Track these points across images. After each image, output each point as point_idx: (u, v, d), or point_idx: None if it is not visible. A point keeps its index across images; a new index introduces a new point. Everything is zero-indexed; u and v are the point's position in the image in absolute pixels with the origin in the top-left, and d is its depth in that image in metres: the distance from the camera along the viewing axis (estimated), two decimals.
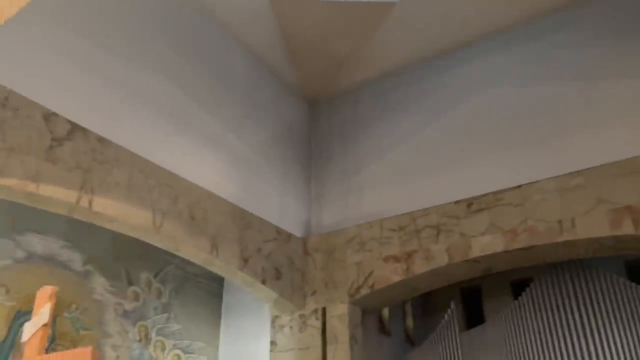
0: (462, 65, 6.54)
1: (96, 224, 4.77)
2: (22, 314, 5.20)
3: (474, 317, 8.24)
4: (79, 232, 5.82)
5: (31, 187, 3.97)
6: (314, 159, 7.31)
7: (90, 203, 4.35)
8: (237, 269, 5.64)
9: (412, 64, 6.89)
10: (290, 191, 6.82)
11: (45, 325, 2.97)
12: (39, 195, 4.04)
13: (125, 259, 6.24)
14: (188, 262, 6.55)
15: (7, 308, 5.08)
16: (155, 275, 6.55)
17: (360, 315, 6.16)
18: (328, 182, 7.03)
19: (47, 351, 5.77)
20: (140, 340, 6.15)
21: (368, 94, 7.19)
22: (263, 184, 6.45)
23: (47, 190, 4.07)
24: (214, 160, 5.81)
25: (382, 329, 7.52)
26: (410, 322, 8.32)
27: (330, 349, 5.89)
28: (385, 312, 7.68)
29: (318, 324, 6.08)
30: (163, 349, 6.37)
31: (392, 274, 5.84)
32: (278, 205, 6.54)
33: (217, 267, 5.62)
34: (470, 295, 8.58)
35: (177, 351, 6.52)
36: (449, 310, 7.14)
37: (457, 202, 5.78)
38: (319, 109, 7.60)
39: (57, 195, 4.14)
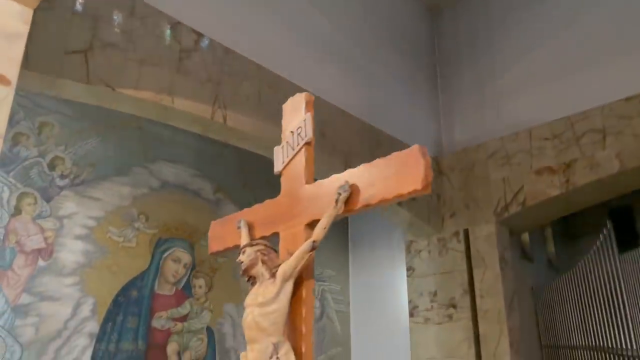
0: None
1: (226, 148, 4.52)
2: (163, 242, 5.18)
3: (624, 240, 7.36)
4: (207, 160, 5.68)
5: (167, 100, 3.72)
6: (440, 70, 6.58)
7: (224, 118, 4.06)
8: None
9: None
10: (418, 106, 6.21)
11: (308, 143, 2.24)
12: (174, 109, 3.79)
13: (252, 187, 6.04)
14: None
15: (149, 235, 5.06)
16: None
17: (508, 236, 5.56)
18: (459, 94, 6.31)
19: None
20: None
21: None
22: (390, 100, 5.89)
23: (182, 104, 3.81)
24: (339, 74, 5.33)
25: (524, 254, 6.89)
26: (551, 247, 7.58)
27: (477, 273, 5.39)
28: (525, 236, 7.01)
29: (461, 246, 5.58)
30: None
31: (548, 188, 5.14)
32: (406, 121, 5.97)
33: None
34: (619, 217, 7.66)
35: None
36: (604, 231, 6.30)
37: (627, 98, 4.87)
38: (441, 15, 6.79)
39: (192, 109, 3.87)
